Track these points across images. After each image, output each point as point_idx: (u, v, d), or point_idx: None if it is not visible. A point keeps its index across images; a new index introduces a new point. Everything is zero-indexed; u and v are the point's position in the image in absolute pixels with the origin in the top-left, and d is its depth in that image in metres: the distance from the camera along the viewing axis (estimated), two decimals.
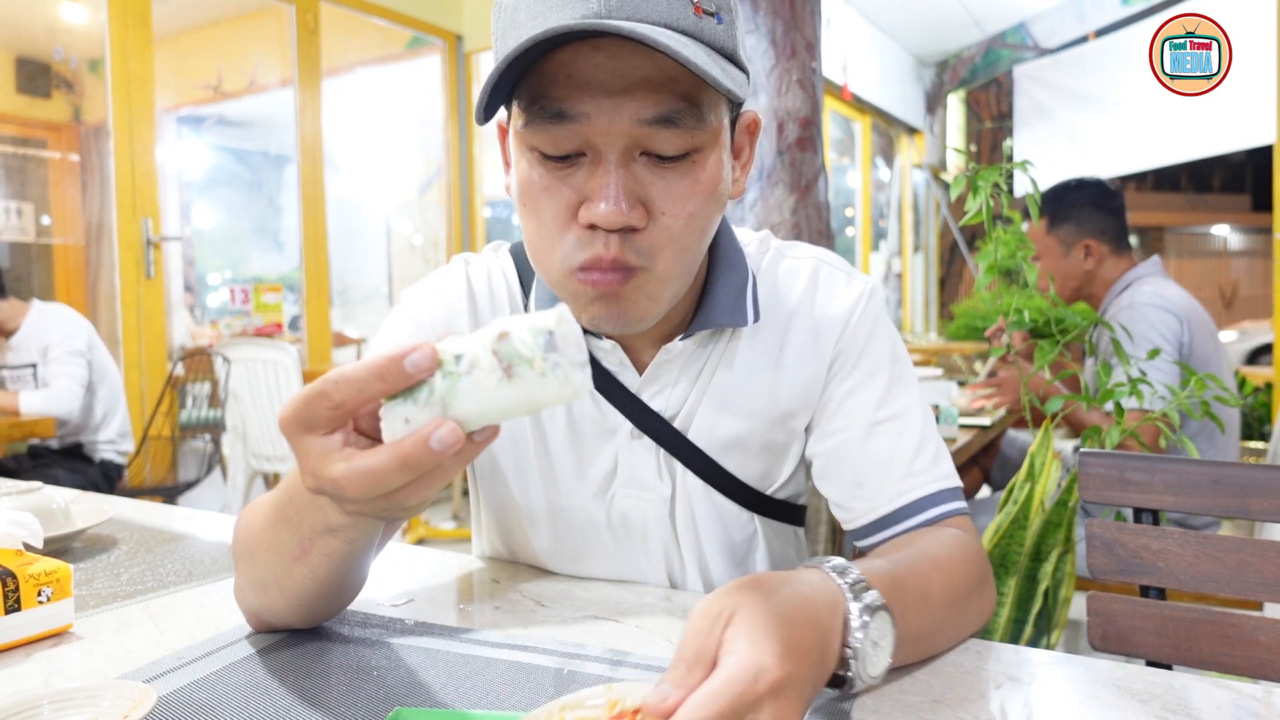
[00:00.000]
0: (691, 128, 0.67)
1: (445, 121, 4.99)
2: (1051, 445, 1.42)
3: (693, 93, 0.66)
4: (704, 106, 0.67)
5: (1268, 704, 0.59)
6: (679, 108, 0.66)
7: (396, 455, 0.48)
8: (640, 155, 0.68)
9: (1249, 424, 3.70)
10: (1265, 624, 0.89)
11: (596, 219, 0.66)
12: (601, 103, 0.65)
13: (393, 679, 0.62)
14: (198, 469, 3.35)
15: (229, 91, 6.05)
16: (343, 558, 0.63)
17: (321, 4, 4.25)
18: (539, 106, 0.66)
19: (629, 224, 0.67)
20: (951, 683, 0.63)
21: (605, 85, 0.64)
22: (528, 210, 0.71)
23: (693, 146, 0.68)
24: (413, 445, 0.48)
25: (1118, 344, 1.53)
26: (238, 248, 6.97)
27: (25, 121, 4.70)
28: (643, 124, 0.65)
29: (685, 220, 0.69)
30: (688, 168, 0.69)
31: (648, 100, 0.65)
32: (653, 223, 0.68)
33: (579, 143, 0.67)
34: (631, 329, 0.73)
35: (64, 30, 4.54)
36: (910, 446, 0.80)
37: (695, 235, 0.71)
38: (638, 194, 0.67)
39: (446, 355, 0.49)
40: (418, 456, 0.48)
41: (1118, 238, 2.23)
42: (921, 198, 8.60)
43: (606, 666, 0.64)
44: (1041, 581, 1.36)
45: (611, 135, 0.66)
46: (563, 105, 0.65)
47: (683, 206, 0.69)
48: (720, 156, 0.71)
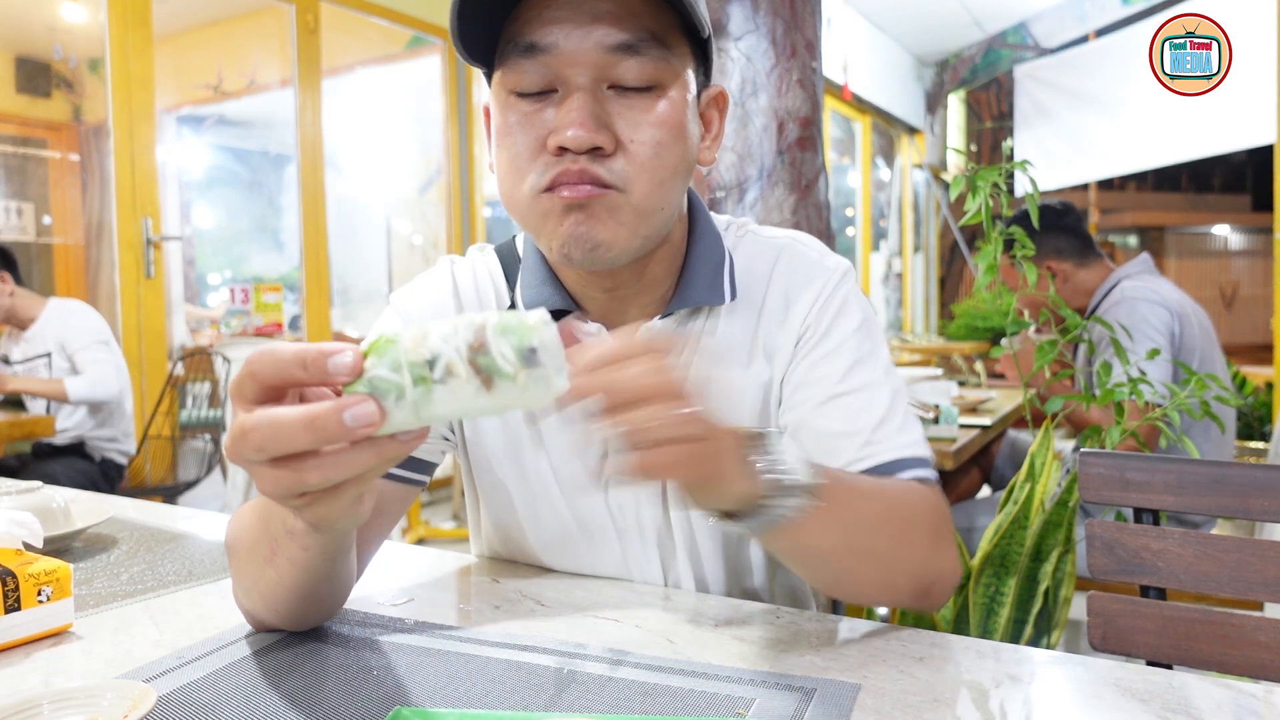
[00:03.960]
0: (655, 59, 0.72)
1: (445, 121, 4.99)
2: (1051, 445, 1.42)
3: (656, 28, 0.72)
4: (668, 43, 0.73)
5: (1268, 703, 0.59)
6: (643, 37, 0.71)
7: (306, 413, 0.46)
8: (607, 89, 0.72)
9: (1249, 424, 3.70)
10: (1265, 624, 0.89)
11: (565, 141, 0.70)
12: (570, 32, 0.70)
13: (392, 679, 0.62)
14: (198, 469, 3.35)
15: (229, 91, 6.04)
16: (304, 566, 0.63)
17: (321, 4, 4.24)
18: (513, 44, 0.72)
19: (595, 144, 0.70)
20: (951, 682, 0.63)
21: (573, 18, 0.70)
22: (502, 149, 0.75)
23: (656, 80, 0.73)
24: (325, 410, 0.46)
25: (1117, 343, 1.53)
26: (238, 247, 6.96)
27: (25, 121, 4.69)
28: (608, 50, 0.70)
29: (653, 150, 0.72)
30: (652, 100, 0.73)
31: (613, 29, 0.70)
32: (621, 150, 0.72)
33: (549, 77, 0.72)
34: (602, 255, 0.73)
35: (64, 30, 4.54)
36: (874, 419, 0.79)
37: (667, 169, 0.74)
38: (604, 120, 0.71)
39: (417, 356, 0.47)
40: (325, 420, 0.46)
41: (1080, 251, 2.24)
42: (922, 198, 8.60)
43: (606, 666, 0.64)
44: (1042, 581, 1.36)
45: (578, 64, 0.71)
46: (533, 38, 0.71)
47: (649, 135, 0.72)
48: (685, 99, 0.75)
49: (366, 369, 0.47)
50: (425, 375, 0.46)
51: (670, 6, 0.72)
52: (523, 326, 0.47)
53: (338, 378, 0.47)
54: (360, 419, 0.46)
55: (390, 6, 4.56)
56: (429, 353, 0.47)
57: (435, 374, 0.46)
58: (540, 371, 0.47)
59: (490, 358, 0.46)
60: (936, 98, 8.14)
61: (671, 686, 0.61)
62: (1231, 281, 12.12)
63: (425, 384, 0.46)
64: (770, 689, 0.60)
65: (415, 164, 5.90)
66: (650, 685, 0.61)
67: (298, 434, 0.46)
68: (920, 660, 0.66)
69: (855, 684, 0.61)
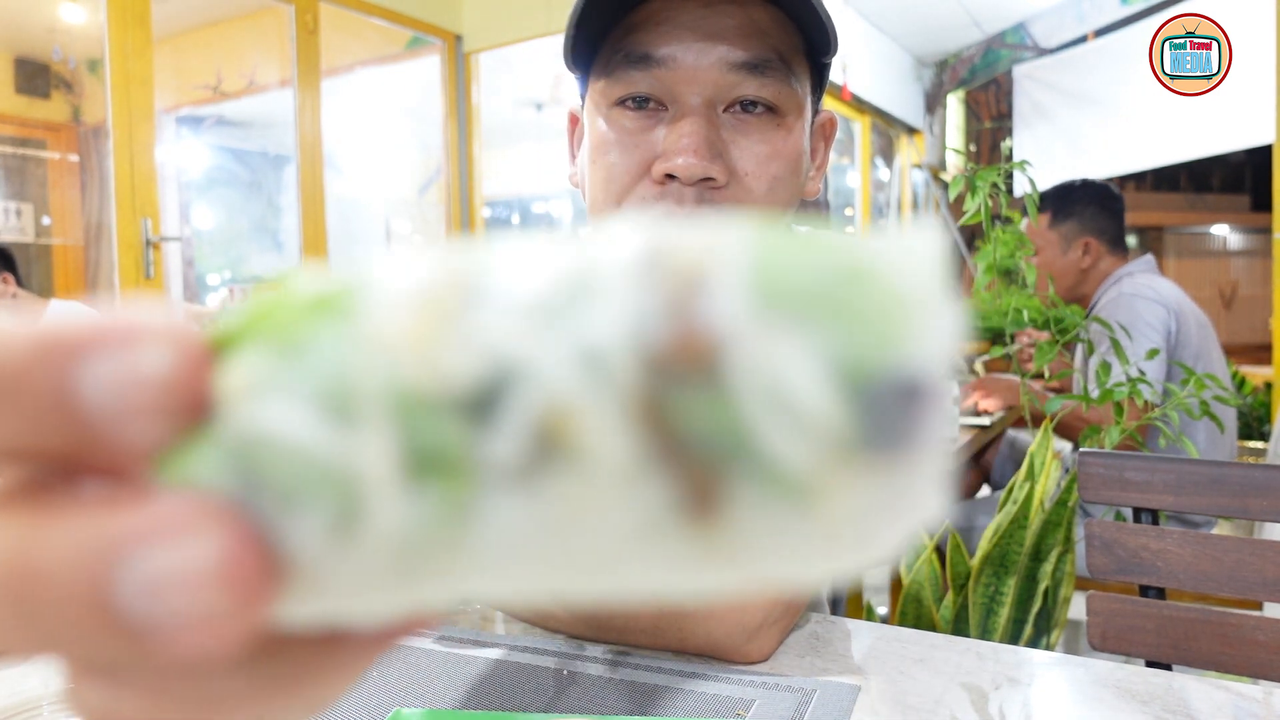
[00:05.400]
0: (778, 82, 0.64)
1: (445, 121, 4.99)
2: (1051, 445, 1.42)
3: (783, 49, 0.64)
4: (792, 65, 0.65)
5: (1267, 705, 0.59)
6: (769, 57, 0.63)
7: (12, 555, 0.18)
8: (724, 111, 0.64)
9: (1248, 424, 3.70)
10: (1265, 624, 0.89)
11: (674, 169, 0.62)
12: (690, 45, 0.62)
13: (393, 679, 0.62)
14: None
15: (228, 92, 6.04)
16: None
17: (321, 4, 4.24)
18: (623, 54, 0.64)
19: (708, 174, 0.62)
20: (951, 684, 0.63)
21: (695, 30, 0.62)
22: (596, 165, 0.66)
23: (777, 106, 0.65)
24: (51, 551, 0.15)
25: (1116, 343, 1.53)
26: (237, 248, 6.96)
27: (24, 122, 4.69)
28: (731, 68, 0.63)
29: (769, 184, 0.65)
30: (773, 128, 0.65)
31: (738, 45, 0.63)
32: (734, 181, 0.64)
33: (662, 91, 0.64)
34: None
35: (63, 30, 4.54)
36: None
37: (779, 206, 0.66)
38: (718, 148, 0.63)
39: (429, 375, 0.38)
40: (52, 585, 0.16)
41: (1115, 239, 2.26)
42: (921, 198, 8.60)
43: (606, 667, 0.64)
44: (1041, 581, 1.36)
45: (697, 81, 0.63)
46: (649, 49, 0.63)
47: (766, 169, 0.64)
48: (803, 131, 0.67)
49: (230, 398, 0.12)
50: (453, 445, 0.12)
51: (798, 27, 0.65)
52: (871, 296, 0.11)
53: (124, 426, 0.13)
54: (176, 596, 0.12)
55: (390, 7, 4.56)
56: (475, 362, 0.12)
57: (499, 451, 0.12)
58: (903, 458, 0.12)
59: (722, 405, 0.11)
60: (935, 98, 8.14)
61: (671, 687, 0.61)
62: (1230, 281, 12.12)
63: (453, 478, 0.12)
64: (770, 690, 0.60)
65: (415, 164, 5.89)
66: (650, 685, 0.61)
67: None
68: (920, 661, 0.66)
69: (855, 685, 0.61)
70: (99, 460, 0.13)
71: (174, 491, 0.12)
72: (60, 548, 0.12)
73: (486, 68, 4.56)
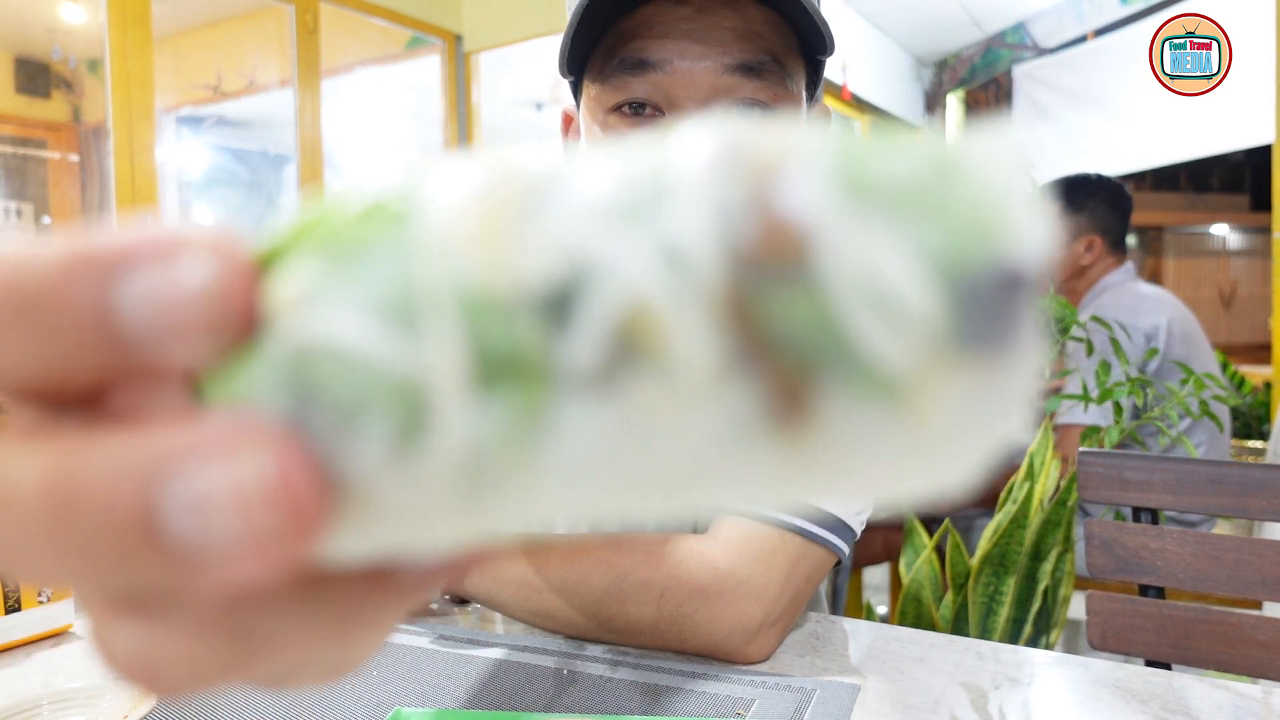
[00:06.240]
0: (774, 83, 0.65)
1: (445, 121, 4.99)
2: (1050, 444, 1.43)
3: (778, 50, 0.65)
4: (788, 67, 0.66)
5: (1267, 705, 0.59)
6: (764, 59, 0.64)
7: (52, 475, 0.15)
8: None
9: (1247, 423, 3.70)
10: (1264, 623, 0.89)
11: None
12: (686, 49, 0.63)
13: (393, 679, 0.63)
14: None
15: (228, 91, 6.04)
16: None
17: (321, 4, 4.24)
18: (619, 60, 0.64)
19: None
20: (951, 684, 0.63)
21: (691, 34, 0.63)
22: None
23: (776, 105, 0.66)
24: (98, 473, 0.15)
25: (1116, 343, 1.53)
26: None
27: (24, 122, 4.69)
28: (725, 71, 0.63)
29: None
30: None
31: (733, 48, 0.63)
32: None
33: (659, 95, 0.65)
34: None
35: (63, 30, 4.53)
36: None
37: None
38: None
39: (504, 277, 0.38)
40: (96, 508, 0.14)
41: (1117, 240, 2.26)
42: None
43: (606, 667, 0.64)
44: (1041, 581, 1.36)
45: (693, 85, 0.63)
46: (645, 54, 0.63)
47: None
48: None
49: (282, 311, 0.12)
50: (526, 349, 0.11)
51: (792, 28, 0.66)
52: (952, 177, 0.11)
53: (167, 344, 0.12)
54: (224, 517, 0.11)
55: (390, 7, 4.56)
56: (549, 262, 0.11)
57: (576, 355, 0.11)
58: (1001, 357, 0.11)
59: (812, 296, 0.11)
60: (935, 98, 8.13)
61: (671, 686, 0.61)
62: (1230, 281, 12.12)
63: (527, 385, 0.11)
64: (770, 689, 0.60)
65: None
66: (650, 685, 0.61)
67: (33, 539, 0.12)
68: (919, 661, 0.66)
69: (854, 685, 0.61)
70: (139, 384, 0.12)
71: (223, 411, 0.12)
72: (103, 467, 0.12)
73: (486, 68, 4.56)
